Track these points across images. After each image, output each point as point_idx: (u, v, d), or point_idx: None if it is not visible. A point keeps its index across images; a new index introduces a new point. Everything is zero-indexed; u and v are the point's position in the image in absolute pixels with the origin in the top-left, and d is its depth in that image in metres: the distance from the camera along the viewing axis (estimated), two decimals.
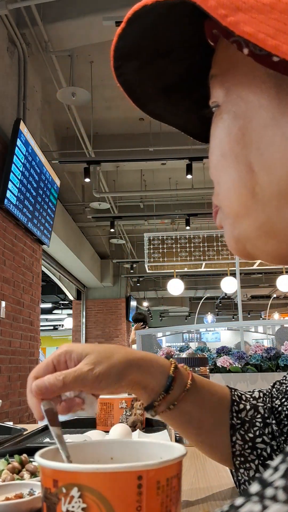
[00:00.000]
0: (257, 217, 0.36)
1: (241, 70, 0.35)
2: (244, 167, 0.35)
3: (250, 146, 0.34)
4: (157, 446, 0.45)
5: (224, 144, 0.37)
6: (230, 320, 20.58)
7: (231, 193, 0.37)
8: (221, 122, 0.37)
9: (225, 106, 0.37)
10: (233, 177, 0.36)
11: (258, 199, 0.35)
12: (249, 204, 0.36)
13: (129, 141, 7.78)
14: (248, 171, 0.35)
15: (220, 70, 0.38)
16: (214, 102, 0.39)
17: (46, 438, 1.18)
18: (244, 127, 0.35)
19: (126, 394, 1.27)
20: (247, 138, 0.34)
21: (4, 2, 4.30)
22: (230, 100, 0.36)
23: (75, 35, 5.15)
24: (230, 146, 0.36)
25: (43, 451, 0.39)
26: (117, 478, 0.33)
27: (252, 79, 0.34)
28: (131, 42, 0.39)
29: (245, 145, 0.35)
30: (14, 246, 4.69)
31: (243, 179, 0.35)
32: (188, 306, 19.81)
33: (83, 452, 0.45)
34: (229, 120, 0.36)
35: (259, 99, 0.33)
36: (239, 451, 0.61)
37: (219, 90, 0.37)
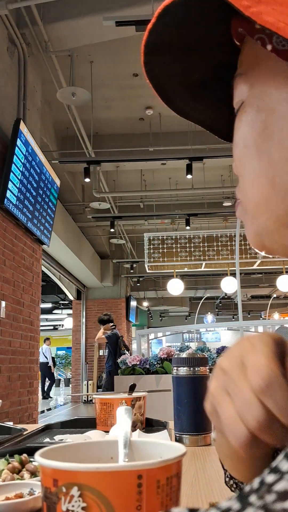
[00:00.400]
0: (276, 208, 0.36)
1: (264, 66, 0.36)
2: (266, 158, 0.36)
3: (272, 138, 0.35)
4: (157, 445, 0.45)
5: (247, 137, 0.38)
6: (230, 320, 20.58)
7: (253, 184, 0.38)
8: (244, 116, 0.38)
9: (249, 101, 0.38)
10: (254, 168, 0.37)
11: (278, 189, 0.36)
12: (269, 194, 0.36)
13: (129, 141, 7.78)
14: (270, 161, 0.36)
15: (245, 69, 0.39)
16: (238, 101, 0.40)
17: (46, 438, 1.18)
18: (266, 120, 0.36)
19: (126, 394, 1.27)
20: (269, 130, 0.35)
21: (4, 2, 4.30)
22: (254, 95, 0.37)
23: (75, 35, 5.15)
24: (253, 138, 0.37)
25: (43, 450, 0.39)
26: (117, 477, 0.33)
27: (275, 74, 0.35)
28: (161, 37, 0.39)
29: (267, 137, 0.36)
30: (14, 246, 4.69)
31: (264, 170, 0.36)
32: (188, 306, 19.82)
33: (83, 451, 0.45)
34: (252, 113, 0.37)
35: (281, 93, 0.35)
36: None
37: (244, 87, 0.39)
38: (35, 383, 5.26)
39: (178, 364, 1.04)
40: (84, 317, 13.22)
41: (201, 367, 1.03)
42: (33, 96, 5.43)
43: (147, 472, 0.34)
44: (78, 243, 9.82)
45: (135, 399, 1.25)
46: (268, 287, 16.19)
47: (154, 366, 4.71)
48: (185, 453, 0.39)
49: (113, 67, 6.28)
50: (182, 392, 1.03)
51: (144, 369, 4.74)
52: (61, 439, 1.13)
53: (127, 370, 4.81)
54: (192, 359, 1.03)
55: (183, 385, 1.03)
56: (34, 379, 5.24)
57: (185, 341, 19.35)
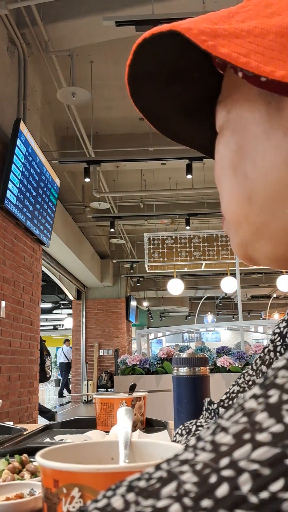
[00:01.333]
0: (254, 221, 0.39)
1: (239, 92, 0.39)
2: (241, 177, 0.39)
3: (246, 157, 0.38)
4: (158, 446, 0.45)
5: (224, 157, 0.41)
6: (230, 320, 20.59)
7: (231, 201, 0.41)
8: (222, 138, 0.41)
9: (226, 124, 0.41)
10: (232, 186, 0.40)
11: (254, 205, 0.38)
12: (246, 210, 0.39)
13: (129, 141, 7.78)
14: (245, 179, 0.39)
15: (224, 96, 0.42)
16: (219, 126, 0.43)
17: (46, 438, 1.18)
18: (240, 141, 0.39)
19: (126, 394, 1.27)
20: (243, 150, 0.38)
21: (4, 2, 4.30)
22: (230, 119, 0.40)
23: (75, 35, 5.15)
24: (229, 158, 0.40)
25: (44, 451, 0.39)
26: (118, 478, 0.33)
27: (247, 98, 0.38)
28: (141, 70, 0.41)
29: (241, 156, 0.39)
30: (14, 246, 4.69)
31: (240, 187, 0.39)
32: (188, 306, 19.82)
33: (83, 452, 0.45)
34: (228, 135, 0.40)
35: (253, 115, 0.38)
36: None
37: (223, 112, 0.42)
38: (35, 383, 5.26)
39: (178, 364, 1.04)
40: (84, 317, 13.22)
41: (201, 367, 1.03)
42: (33, 96, 5.43)
43: None
44: (78, 243, 9.82)
45: (135, 399, 1.25)
46: (268, 287, 16.19)
47: (154, 366, 4.71)
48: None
49: (113, 67, 6.28)
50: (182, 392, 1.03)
51: (144, 369, 4.74)
52: (61, 439, 1.13)
53: (127, 370, 4.81)
54: (192, 359, 1.03)
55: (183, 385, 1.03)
56: (34, 379, 5.24)
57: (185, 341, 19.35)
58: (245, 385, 0.61)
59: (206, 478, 0.19)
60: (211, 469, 0.19)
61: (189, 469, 0.20)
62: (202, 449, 0.21)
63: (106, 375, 12.75)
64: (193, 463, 0.20)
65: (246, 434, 0.20)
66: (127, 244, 12.23)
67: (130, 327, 15.38)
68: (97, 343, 13.13)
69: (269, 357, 0.53)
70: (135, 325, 16.39)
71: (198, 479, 0.19)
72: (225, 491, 0.18)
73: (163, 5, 4.65)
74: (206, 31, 0.34)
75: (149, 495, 0.20)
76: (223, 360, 4.51)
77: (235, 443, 0.20)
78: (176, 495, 0.19)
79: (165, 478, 0.21)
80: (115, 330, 13.32)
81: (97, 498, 0.23)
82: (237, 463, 0.19)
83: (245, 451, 0.19)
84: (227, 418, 0.22)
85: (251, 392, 0.22)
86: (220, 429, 0.21)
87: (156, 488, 0.20)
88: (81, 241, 10.23)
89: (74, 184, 8.72)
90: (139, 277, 14.06)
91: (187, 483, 0.19)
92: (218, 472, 0.19)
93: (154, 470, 0.22)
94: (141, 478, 0.22)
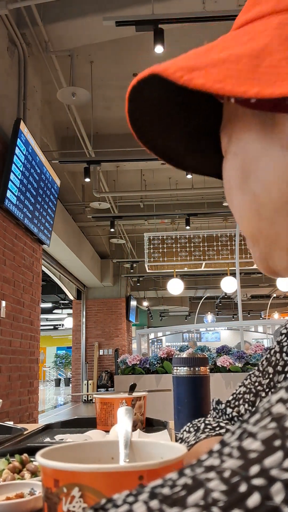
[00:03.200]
0: (268, 234, 0.41)
1: (236, 117, 0.42)
2: (249, 194, 0.41)
3: (250, 175, 0.40)
4: (158, 446, 0.45)
5: (230, 179, 0.43)
6: (230, 320, 20.58)
7: (243, 219, 0.43)
8: (227, 162, 0.44)
9: (229, 149, 0.43)
10: (241, 205, 0.42)
11: (264, 219, 0.40)
12: (259, 225, 0.41)
13: (129, 141, 7.77)
14: (252, 197, 0.40)
15: (225, 123, 0.44)
16: (224, 152, 0.45)
17: (47, 438, 1.18)
18: (243, 161, 0.41)
19: (126, 394, 1.27)
20: (247, 169, 0.40)
21: (4, 2, 4.30)
22: (232, 142, 0.43)
23: (75, 35, 5.15)
24: (234, 179, 0.42)
25: (44, 450, 0.39)
26: (118, 478, 0.33)
27: (243, 121, 0.41)
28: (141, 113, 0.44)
29: (246, 175, 0.41)
30: (14, 245, 4.69)
31: (249, 204, 0.41)
32: (188, 306, 19.81)
33: (84, 451, 0.45)
34: (231, 158, 0.42)
35: (249, 135, 0.40)
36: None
37: (225, 139, 0.44)
38: (35, 383, 5.26)
39: (178, 364, 1.04)
40: (84, 316, 13.22)
41: (202, 367, 1.04)
42: (33, 96, 5.43)
43: (148, 473, 0.34)
44: (78, 243, 9.82)
45: (135, 399, 1.25)
46: (268, 287, 16.19)
47: (154, 366, 4.71)
48: (186, 453, 0.39)
49: (113, 67, 6.28)
50: (182, 392, 1.03)
51: (144, 369, 4.74)
52: (62, 439, 1.13)
53: (127, 370, 4.81)
54: (192, 359, 1.03)
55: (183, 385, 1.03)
56: (34, 378, 5.24)
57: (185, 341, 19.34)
58: (251, 387, 0.61)
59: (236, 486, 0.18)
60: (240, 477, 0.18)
61: (216, 476, 0.19)
62: (229, 455, 0.20)
63: (106, 375, 12.75)
64: (220, 470, 0.19)
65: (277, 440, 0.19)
66: (127, 244, 12.23)
67: (130, 327, 15.38)
68: (97, 343, 13.13)
69: (275, 358, 0.53)
70: (135, 325, 16.39)
71: (227, 487, 0.18)
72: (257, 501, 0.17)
73: (163, 5, 4.64)
74: (183, 67, 0.35)
75: (174, 503, 0.19)
76: (223, 359, 4.51)
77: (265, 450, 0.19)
78: (203, 504, 0.18)
79: (190, 485, 0.20)
80: (115, 330, 13.32)
81: (116, 502, 0.21)
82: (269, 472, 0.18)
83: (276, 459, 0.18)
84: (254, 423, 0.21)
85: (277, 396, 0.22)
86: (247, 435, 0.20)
87: (182, 496, 0.19)
88: (81, 241, 10.24)
89: (74, 184, 8.72)
90: (139, 277, 14.05)
91: (215, 491, 0.19)
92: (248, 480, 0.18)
93: (178, 477, 0.21)
94: (164, 484, 0.21)
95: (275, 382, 0.53)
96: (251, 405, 0.61)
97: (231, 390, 4.32)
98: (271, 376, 0.54)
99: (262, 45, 0.35)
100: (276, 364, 0.52)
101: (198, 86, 0.34)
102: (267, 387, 0.56)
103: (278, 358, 0.52)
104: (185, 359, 1.04)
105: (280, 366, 0.52)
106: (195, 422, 0.66)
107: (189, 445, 0.62)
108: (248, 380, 0.62)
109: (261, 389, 0.58)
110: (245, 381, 0.63)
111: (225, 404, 0.66)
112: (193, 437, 0.62)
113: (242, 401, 0.63)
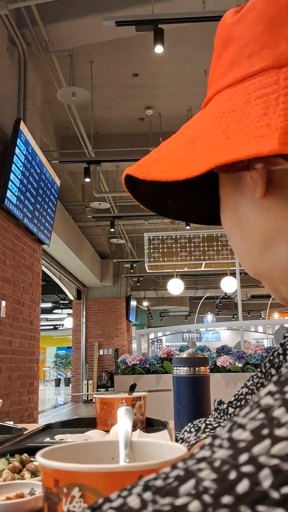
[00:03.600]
0: (264, 272, 0.44)
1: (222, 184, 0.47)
2: (241, 240, 0.45)
3: (241, 224, 0.44)
4: (158, 446, 0.45)
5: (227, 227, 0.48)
6: (230, 320, 20.58)
7: (243, 262, 0.47)
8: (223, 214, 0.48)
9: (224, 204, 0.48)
10: (238, 248, 0.46)
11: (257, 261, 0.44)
12: (255, 266, 0.45)
13: (129, 141, 7.78)
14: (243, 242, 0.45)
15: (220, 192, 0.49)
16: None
17: (47, 438, 1.18)
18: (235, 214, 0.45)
19: (126, 394, 1.27)
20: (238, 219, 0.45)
21: (4, 2, 4.30)
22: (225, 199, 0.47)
23: (75, 35, 5.15)
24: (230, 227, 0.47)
25: (44, 450, 0.39)
26: (118, 478, 0.33)
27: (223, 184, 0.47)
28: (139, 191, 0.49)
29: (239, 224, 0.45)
30: (14, 245, 4.69)
31: (244, 248, 0.45)
32: (188, 306, 19.81)
33: (84, 451, 0.45)
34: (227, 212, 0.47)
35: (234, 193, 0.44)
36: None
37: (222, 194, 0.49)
38: (35, 383, 5.26)
39: (178, 364, 1.04)
40: (84, 316, 13.22)
41: (202, 367, 1.04)
42: (33, 96, 5.43)
43: (148, 473, 0.34)
44: (78, 243, 9.82)
45: (135, 399, 1.25)
46: None
47: (154, 366, 4.71)
48: (186, 453, 0.39)
49: (113, 67, 6.28)
50: (182, 391, 1.03)
51: (144, 369, 4.74)
52: (62, 439, 1.13)
53: (127, 370, 4.81)
54: (193, 359, 1.03)
55: (183, 385, 1.03)
56: (34, 378, 5.24)
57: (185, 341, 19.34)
58: (253, 387, 0.61)
59: (226, 474, 0.19)
60: (230, 466, 0.19)
61: (207, 466, 0.20)
62: (219, 446, 0.21)
63: (106, 375, 12.76)
64: (211, 460, 0.20)
65: (264, 429, 0.20)
66: (127, 244, 12.23)
67: (130, 326, 15.38)
68: (97, 343, 13.13)
69: (279, 360, 0.53)
70: (135, 324, 16.39)
71: (217, 475, 0.19)
72: (246, 487, 0.18)
73: (163, 5, 4.64)
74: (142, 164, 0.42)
75: (166, 493, 0.20)
76: (223, 359, 4.51)
77: (254, 439, 0.20)
78: (195, 492, 0.19)
79: (182, 476, 0.20)
80: (115, 329, 13.32)
81: (110, 498, 0.22)
82: (257, 459, 0.19)
83: (264, 447, 0.19)
84: (243, 415, 0.22)
85: (266, 390, 0.22)
86: (237, 426, 0.21)
87: (174, 487, 0.20)
88: (81, 241, 10.24)
89: (74, 184, 8.72)
90: (139, 277, 14.05)
91: (206, 480, 0.19)
92: (237, 468, 0.19)
93: (171, 470, 0.22)
94: (157, 477, 0.22)
95: None
96: None
97: (231, 390, 4.32)
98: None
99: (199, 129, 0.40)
100: (279, 365, 0.53)
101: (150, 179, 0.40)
102: None
103: (281, 360, 0.52)
104: (185, 359, 1.04)
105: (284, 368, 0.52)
106: (196, 423, 0.66)
107: (189, 445, 0.62)
108: (250, 382, 0.63)
109: None
110: (248, 383, 0.64)
111: (227, 404, 0.66)
112: (193, 437, 0.63)
113: (244, 401, 0.63)
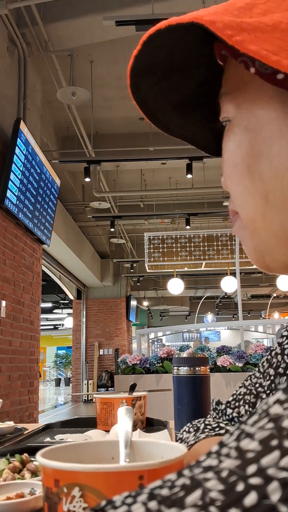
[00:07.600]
0: (272, 226, 0.38)
1: (249, 87, 0.38)
2: (257, 177, 0.38)
3: (261, 156, 0.37)
4: (158, 445, 0.45)
5: (236, 156, 0.39)
6: (230, 320, 20.59)
7: (246, 203, 0.39)
8: (233, 136, 0.40)
9: (236, 121, 0.39)
10: (246, 186, 0.39)
11: (272, 207, 0.37)
12: (264, 213, 0.38)
13: (129, 141, 7.78)
14: (260, 181, 0.37)
15: (230, 88, 0.41)
16: (225, 117, 0.42)
17: (47, 438, 1.18)
18: (254, 139, 0.37)
19: (126, 394, 1.27)
20: (257, 149, 0.37)
21: (4, 2, 4.30)
22: (241, 115, 0.39)
23: (75, 35, 5.14)
24: (241, 157, 0.39)
25: (44, 450, 0.39)
26: (118, 478, 0.33)
27: (260, 95, 0.37)
28: (146, 62, 0.41)
29: (256, 156, 0.37)
30: (15, 245, 4.69)
31: (256, 188, 0.38)
32: (188, 306, 19.81)
33: (84, 451, 0.45)
34: (240, 133, 0.39)
35: (267, 113, 0.36)
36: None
37: (230, 106, 0.40)
38: (35, 383, 5.26)
39: (178, 363, 1.04)
40: (84, 316, 13.22)
41: (202, 367, 1.04)
42: (33, 96, 5.43)
43: (148, 473, 0.34)
44: (78, 242, 9.82)
45: (135, 399, 1.25)
46: (268, 287, 16.18)
47: (154, 366, 4.71)
48: (186, 453, 0.39)
49: (113, 67, 6.28)
50: (182, 391, 1.03)
51: (144, 369, 4.74)
52: (62, 439, 1.13)
53: (127, 370, 4.81)
54: (193, 358, 1.03)
55: (183, 385, 1.03)
56: (34, 378, 5.24)
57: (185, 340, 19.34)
58: (251, 388, 0.61)
59: (233, 486, 0.18)
60: (237, 477, 0.19)
61: (213, 476, 0.19)
62: (227, 456, 0.20)
63: (106, 375, 12.76)
64: (218, 470, 0.20)
65: (274, 440, 0.19)
66: (127, 244, 12.23)
67: (130, 326, 15.38)
68: (97, 343, 13.13)
69: (277, 360, 0.53)
70: (135, 324, 16.39)
71: (224, 486, 0.18)
72: (254, 500, 0.17)
73: (163, 5, 4.64)
74: (231, 24, 0.32)
75: (172, 503, 0.19)
76: (223, 359, 4.51)
77: (262, 450, 0.19)
78: (201, 503, 0.18)
79: (188, 485, 0.20)
80: (115, 329, 13.32)
81: (114, 504, 0.21)
82: (265, 471, 0.18)
83: (273, 458, 0.18)
84: (252, 424, 0.21)
85: (274, 397, 0.22)
86: (244, 435, 0.20)
87: (180, 497, 0.19)
88: (81, 241, 10.23)
89: (74, 184, 8.72)
90: (139, 276, 14.05)
91: (212, 491, 0.19)
92: (245, 479, 0.18)
93: (177, 477, 0.21)
94: (163, 485, 0.21)
95: (276, 384, 0.53)
96: (252, 406, 0.61)
97: (231, 390, 4.32)
98: (272, 377, 0.54)
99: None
100: (278, 366, 0.52)
101: (251, 53, 0.31)
102: (268, 389, 0.56)
103: (279, 360, 0.52)
104: (185, 359, 1.04)
105: (282, 368, 0.52)
106: (195, 423, 0.66)
107: (188, 445, 0.62)
108: (248, 381, 0.62)
109: (262, 390, 0.58)
110: (246, 382, 0.63)
111: (225, 404, 0.66)
112: (192, 437, 0.63)
113: (243, 402, 0.63)
